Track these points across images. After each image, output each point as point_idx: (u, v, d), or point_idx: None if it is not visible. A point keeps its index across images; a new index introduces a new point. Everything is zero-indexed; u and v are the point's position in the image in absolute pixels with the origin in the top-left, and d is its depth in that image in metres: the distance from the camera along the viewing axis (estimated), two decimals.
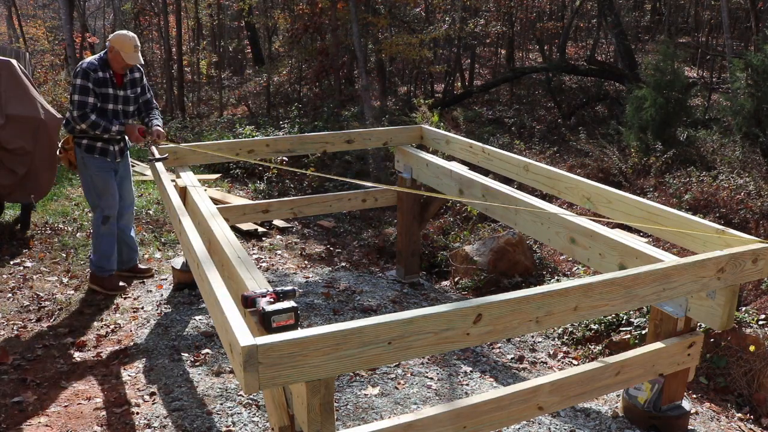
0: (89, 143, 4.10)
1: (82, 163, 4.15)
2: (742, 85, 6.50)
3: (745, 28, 13.89)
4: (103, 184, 4.17)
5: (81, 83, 3.91)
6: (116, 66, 4.01)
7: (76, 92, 3.92)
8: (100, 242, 4.26)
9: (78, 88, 3.92)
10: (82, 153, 4.12)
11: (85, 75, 3.90)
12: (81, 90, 3.91)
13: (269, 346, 1.73)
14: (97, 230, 4.26)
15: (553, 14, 16.86)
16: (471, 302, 2.00)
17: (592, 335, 3.93)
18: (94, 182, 4.17)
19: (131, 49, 3.96)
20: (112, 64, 4.01)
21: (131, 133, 4.06)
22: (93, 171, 4.14)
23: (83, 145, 4.11)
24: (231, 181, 7.77)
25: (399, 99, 12.39)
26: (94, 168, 4.14)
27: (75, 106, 3.92)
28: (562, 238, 3.02)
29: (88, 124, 3.92)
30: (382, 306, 4.36)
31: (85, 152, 4.11)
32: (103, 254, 4.27)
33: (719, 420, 3.18)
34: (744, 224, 4.95)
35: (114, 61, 4.00)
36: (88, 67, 3.91)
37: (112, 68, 4.00)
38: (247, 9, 13.50)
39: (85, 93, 3.91)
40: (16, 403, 3.00)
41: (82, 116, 3.91)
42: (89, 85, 3.92)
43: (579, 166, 7.09)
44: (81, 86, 3.92)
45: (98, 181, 4.17)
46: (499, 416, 2.36)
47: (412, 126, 4.99)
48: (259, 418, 2.99)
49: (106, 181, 4.18)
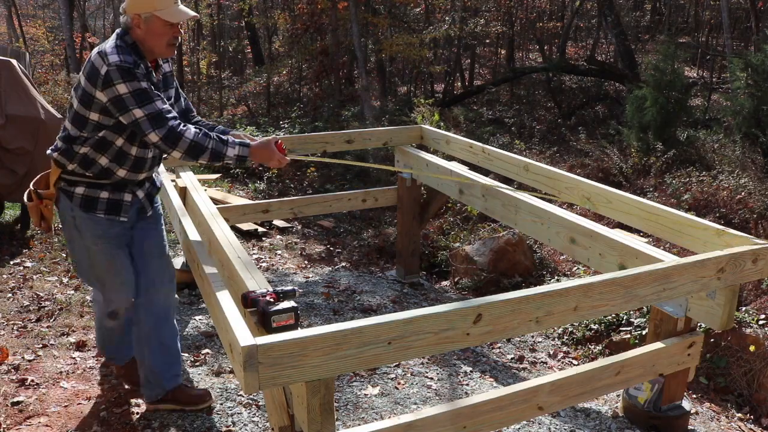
0: (88, 192, 2.51)
1: (71, 225, 2.57)
2: (742, 85, 6.50)
3: (745, 28, 13.88)
4: (107, 263, 2.63)
5: (130, 88, 2.31)
6: (149, 45, 2.44)
7: (131, 105, 2.31)
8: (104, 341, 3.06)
9: (131, 98, 2.31)
10: (74, 209, 2.53)
11: (125, 73, 2.32)
12: (137, 97, 2.31)
13: (269, 346, 1.73)
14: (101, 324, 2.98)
15: (553, 14, 16.86)
16: (471, 302, 2.00)
17: (592, 335, 3.93)
18: (93, 259, 2.63)
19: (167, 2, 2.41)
20: (145, 49, 2.45)
21: (267, 154, 2.47)
22: (90, 240, 2.58)
23: (77, 195, 2.52)
24: (231, 181, 7.77)
25: (399, 99, 12.39)
26: (91, 236, 2.57)
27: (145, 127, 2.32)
28: (562, 238, 3.02)
29: (183, 151, 2.35)
30: (382, 306, 4.36)
31: (79, 208, 2.52)
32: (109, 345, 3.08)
33: (719, 420, 3.18)
34: (744, 224, 4.95)
35: (145, 41, 2.43)
36: (123, 62, 2.32)
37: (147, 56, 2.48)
38: (247, 9, 13.50)
39: (146, 97, 2.33)
40: (16, 403, 3.00)
41: (169, 137, 2.33)
42: (144, 83, 2.35)
43: (579, 166, 7.09)
44: (133, 93, 2.31)
45: (99, 257, 2.62)
46: (499, 416, 2.36)
47: (412, 126, 4.99)
48: (259, 418, 2.99)
49: (114, 259, 2.63)
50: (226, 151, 2.41)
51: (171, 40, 2.47)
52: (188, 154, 2.37)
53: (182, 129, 2.36)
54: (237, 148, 2.44)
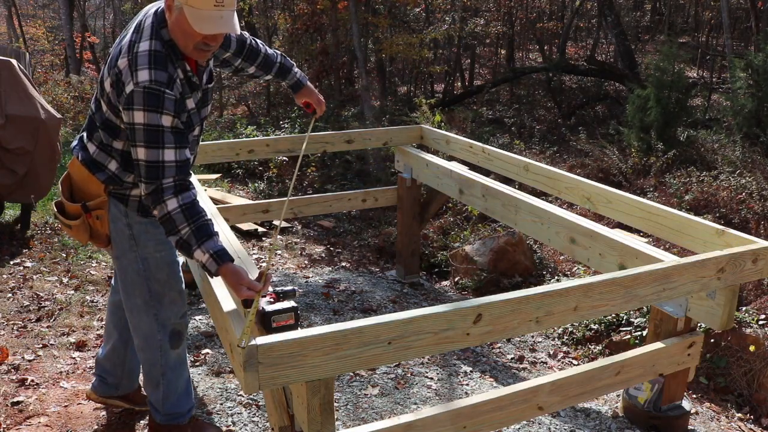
0: None
1: (125, 235, 2.30)
2: (743, 85, 6.51)
3: (745, 28, 13.89)
4: (168, 272, 2.39)
5: (151, 119, 1.95)
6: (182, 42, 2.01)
7: (138, 140, 1.96)
8: (171, 376, 2.49)
9: (142, 133, 1.95)
10: (129, 214, 2.28)
11: (152, 101, 1.94)
12: (152, 134, 1.95)
13: (269, 346, 1.73)
14: (155, 357, 2.45)
15: (553, 14, 16.85)
16: (471, 302, 2.00)
17: (592, 335, 3.93)
18: (153, 270, 2.35)
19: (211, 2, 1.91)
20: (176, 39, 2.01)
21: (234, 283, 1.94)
22: (151, 248, 2.34)
23: (133, 198, 2.26)
24: (231, 181, 7.77)
25: (399, 99, 12.38)
26: (153, 242, 2.33)
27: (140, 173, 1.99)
28: (562, 238, 3.02)
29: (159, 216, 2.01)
30: (382, 306, 4.36)
31: (136, 213, 2.29)
32: (181, 393, 2.56)
33: (719, 420, 3.18)
34: (744, 224, 4.95)
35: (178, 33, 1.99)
36: (154, 83, 1.94)
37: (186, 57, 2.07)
38: (247, 9, 13.50)
39: (158, 139, 1.96)
40: (16, 403, 3.00)
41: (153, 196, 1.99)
42: (163, 119, 1.96)
43: (579, 166, 7.08)
44: (152, 126, 1.95)
45: (160, 266, 2.36)
46: (499, 416, 2.36)
47: (412, 126, 4.99)
48: (259, 418, 2.99)
49: (174, 266, 2.41)
50: (195, 251, 1.98)
51: (200, 45, 2.00)
52: (160, 221, 2.02)
53: (168, 197, 1.97)
54: (207, 257, 1.96)
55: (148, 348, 2.45)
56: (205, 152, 4.14)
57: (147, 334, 2.43)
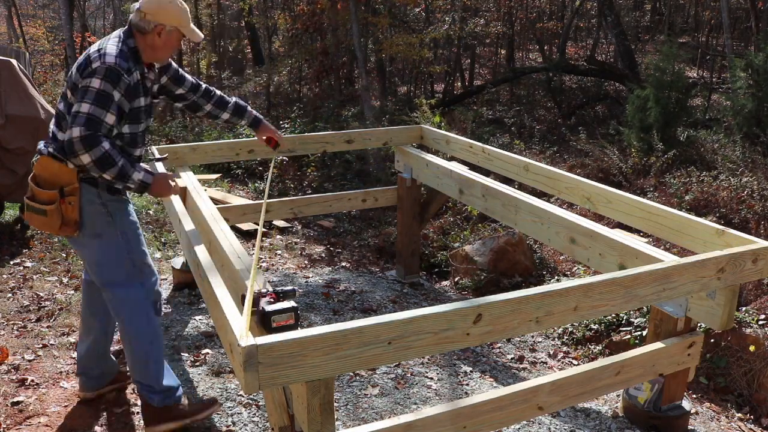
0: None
1: (102, 214, 2.54)
2: (743, 85, 6.51)
3: (745, 28, 13.89)
4: (141, 243, 2.66)
5: (102, 87, 2.34)
6: (159, 54, 2.57)
7: (88, 99, 2.33)
8: (157, 345, 2.69)
9: (94, 94, 2.33)
10: (102, 194, 2.54)
11: (113, 76, 2.36)
12: (98, 98, 2.33)
13: (269, 346, 1.73)
14: (143, 326, 2.64)
15: (553, 14, 16.86)
16: (471, 302, 2.00)
17: (592, 335, 3.93)
18: (132, 242, 2.61)
19: (189, 20, 2.60)
20: (150, 54, 2.55)
21: (165, 186, 2.54)
22: (126, 223, 2.61)
23: (102, 180, 2.49)
24: (231, 181, 7.77)
25: (399, 99, 12.39)
26: (125, 219, 2.61)
27: (78, 121, 2.30)
28: (562, 238, 3.02)
29: (94, 158, 2.31)
30: (382, 306, 4.36)
31: (107, 192, 2.54)
32: (167, 368, 2.75)
33: (719, 420, 3.18)
34: (744, 224, 4.95)
35: (158, 49, 2.55)
36: (118, 66, 2.38)
37: (144, 61, 2.56)
38: (247, 9, 13.51)
39: (104, 104, 2.34)
40: (16, 403, 3.00)
41: (89, 139, 2.29)
42: (115, 93, 2.37)
43: (579, 166, 7.09)
44: (100, 92, 2.34)
45: (136, 237, 2.64)
46: (499, 416, 2.36)
47: (412, 126, 4.99)
48: (259, 418, 2.99)
49: (142, 237, 2.69)
50: (132, 173, 2.40)
51: (169, 56, 2.70)
52: (97, 163, 2.32)
53: (103, 139, 2.33)
54: (142, 174, 2.44)
55: (136, 317, 2.64)
56: (205, 152, 4.14)
57: (134, 304, 2.63)
